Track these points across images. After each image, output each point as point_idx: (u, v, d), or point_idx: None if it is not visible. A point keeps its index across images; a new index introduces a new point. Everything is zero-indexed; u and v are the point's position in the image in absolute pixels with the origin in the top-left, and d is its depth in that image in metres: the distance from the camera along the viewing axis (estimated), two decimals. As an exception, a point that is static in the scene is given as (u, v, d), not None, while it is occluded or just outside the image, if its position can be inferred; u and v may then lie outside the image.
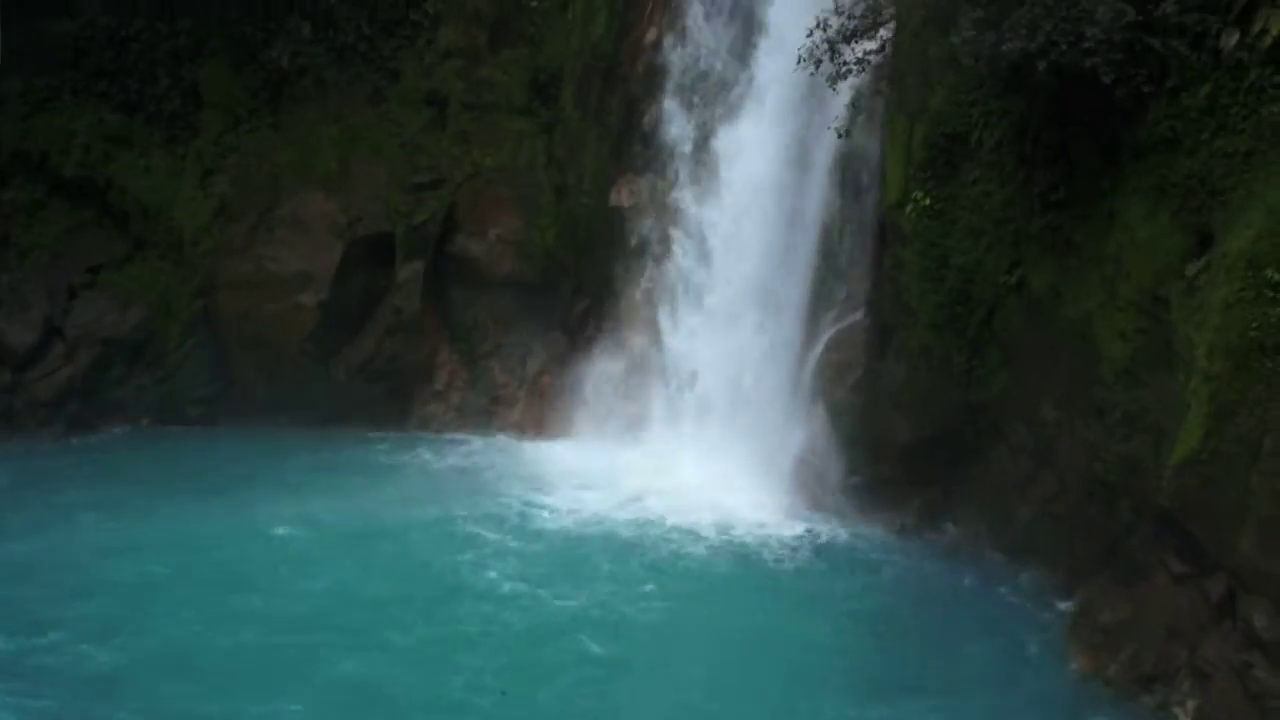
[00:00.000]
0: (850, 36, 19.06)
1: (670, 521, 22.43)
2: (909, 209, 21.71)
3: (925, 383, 21.60)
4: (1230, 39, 16.22)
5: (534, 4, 28.62)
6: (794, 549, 21.70)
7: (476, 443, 26.90)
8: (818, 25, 19.62)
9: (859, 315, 22.94)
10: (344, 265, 27.15)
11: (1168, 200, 17.45)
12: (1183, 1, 16.18)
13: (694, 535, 21.97)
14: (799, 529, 22.26)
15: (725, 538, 21.95)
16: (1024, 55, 16.44)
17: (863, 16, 19.16)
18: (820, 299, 23.89)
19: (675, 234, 26.59)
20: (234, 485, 23.60)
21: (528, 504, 23.40)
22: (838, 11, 19.61)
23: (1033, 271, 20.05)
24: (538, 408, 27.56)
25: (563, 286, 27.86)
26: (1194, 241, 17.19)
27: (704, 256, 26.04)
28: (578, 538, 21.94)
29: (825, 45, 19.24)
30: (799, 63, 19.81)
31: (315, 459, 25.37)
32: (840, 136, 22.71)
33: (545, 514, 22.92)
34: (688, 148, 26.79)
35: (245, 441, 25.98)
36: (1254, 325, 14.99)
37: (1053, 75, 16.55)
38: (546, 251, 27.72)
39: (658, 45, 28.20)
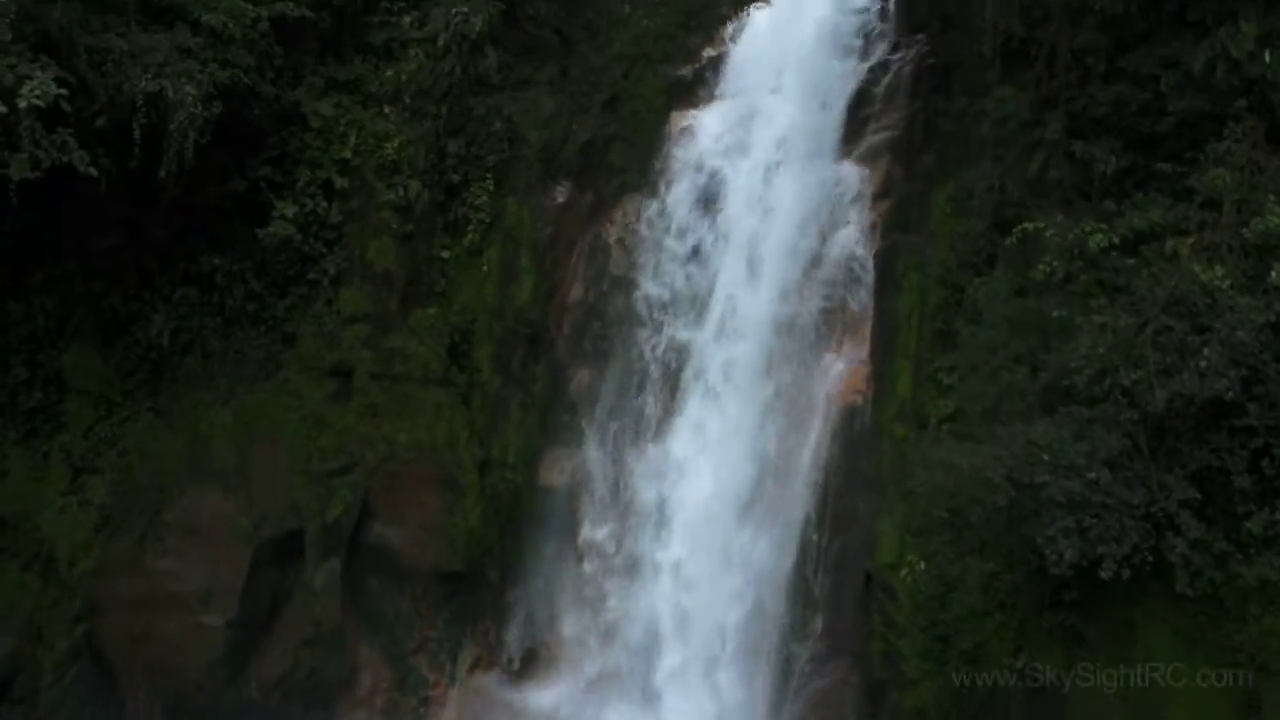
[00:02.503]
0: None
1: None
2: (904, 573, 21.10)
3: (923, 748, 21.26)
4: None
5: (444, 255, 26.06)
6: None
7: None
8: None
9: (840, 666, 22.22)
10: (251, 572, 24.20)
11: (1211, 659, 17.34)
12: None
13: None
14: None
15: None
16: (1116, 566, 16.03)
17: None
18: (794, 630, 23.06)
19: (615, 530, 25.07)
20: None
21: None
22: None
23: (1040, 658, 19.83)
24: (472, 708, 25.63)
25: (490, 571, 25.78)
26: (1243, 703, 17.34)
27: (650, 563, 24.58)
28: None
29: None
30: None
31: None
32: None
33: None
34: (635, 428, 25.30)
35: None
36: None
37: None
38: (470, 534, 25.33)
39: (583, 303, 26.42)
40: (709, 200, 25.34)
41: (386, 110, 25.78)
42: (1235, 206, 17.67)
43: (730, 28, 27.61)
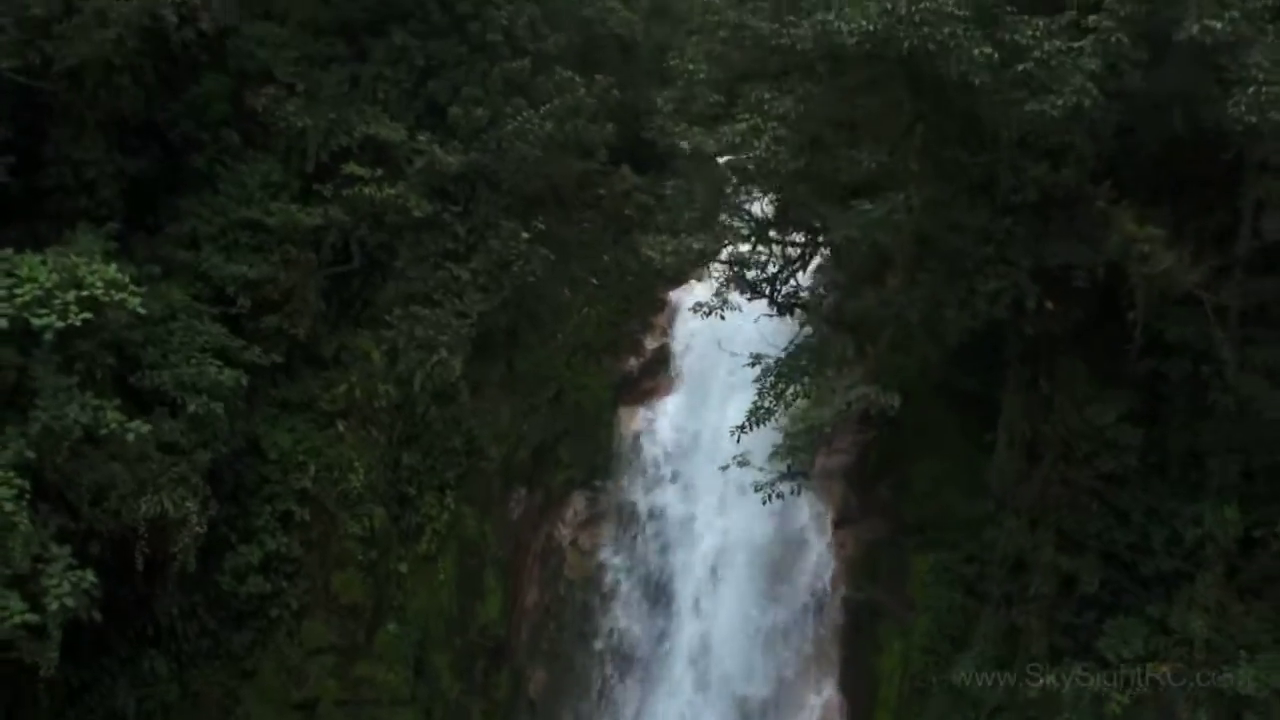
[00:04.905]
0: None
1: None
2: None
3: None
4: None
5: (402, 568, 25.64)
6: None
7: None
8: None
9: None
10: None
11: None
12: None
13: None
14: None
15: None
16: None
17: None
18: None
19: None
20: None
21: None
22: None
23: None
24: None
25: None
26: None
27: None
28: None
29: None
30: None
31: None
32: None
33: None
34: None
35: None
36: None
37: None
38: None
39: (540, 605, 26.75)
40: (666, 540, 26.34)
41: (341, 427, 24.88)
42: (1206, 645, 20.62)
43: (667, 314, 28.30)
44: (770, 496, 19.24)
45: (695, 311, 20.89)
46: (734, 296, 20.23)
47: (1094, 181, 18.26)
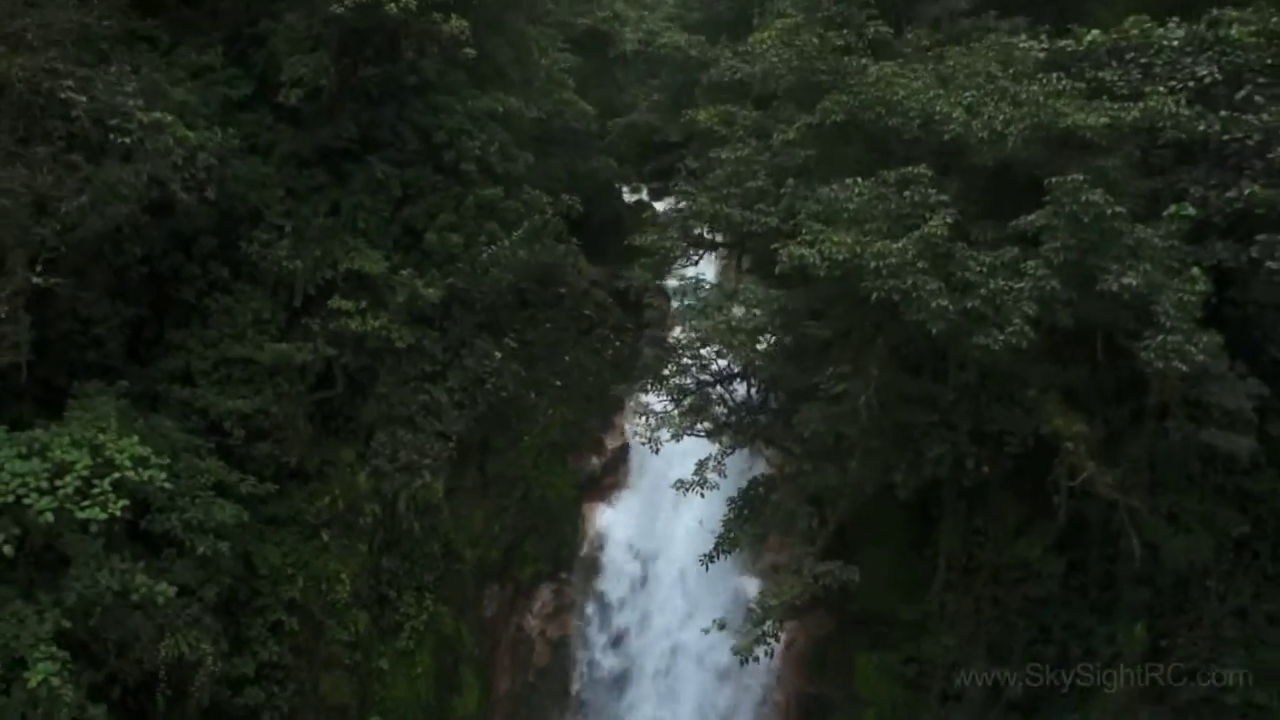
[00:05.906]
0: None
1: None
2: None
3: None
4: None
5: (384, 665, 27.34)
6: None
7: None
8: None
9: None
10: None
11: None
12: None
13: None
14: None
15: None
16: None
17: None
18: None
19: None
20: None
21: None
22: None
23: None
24: None
25: None
26: None
27: None
28: None
29: None
30: None
31: None
32: None
33: None
34: None
35: None
36: None
37: None
38: None
39: (511, 694, 28.68)
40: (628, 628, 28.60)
41: (325, 537, 26.43)
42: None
43: (625, 414, 30.22)
44: (747, 660, 21.42)
45: (677, 489, 22.97)
46: (711, 475, 22.34)
47: (1025, 356, 20.70)
